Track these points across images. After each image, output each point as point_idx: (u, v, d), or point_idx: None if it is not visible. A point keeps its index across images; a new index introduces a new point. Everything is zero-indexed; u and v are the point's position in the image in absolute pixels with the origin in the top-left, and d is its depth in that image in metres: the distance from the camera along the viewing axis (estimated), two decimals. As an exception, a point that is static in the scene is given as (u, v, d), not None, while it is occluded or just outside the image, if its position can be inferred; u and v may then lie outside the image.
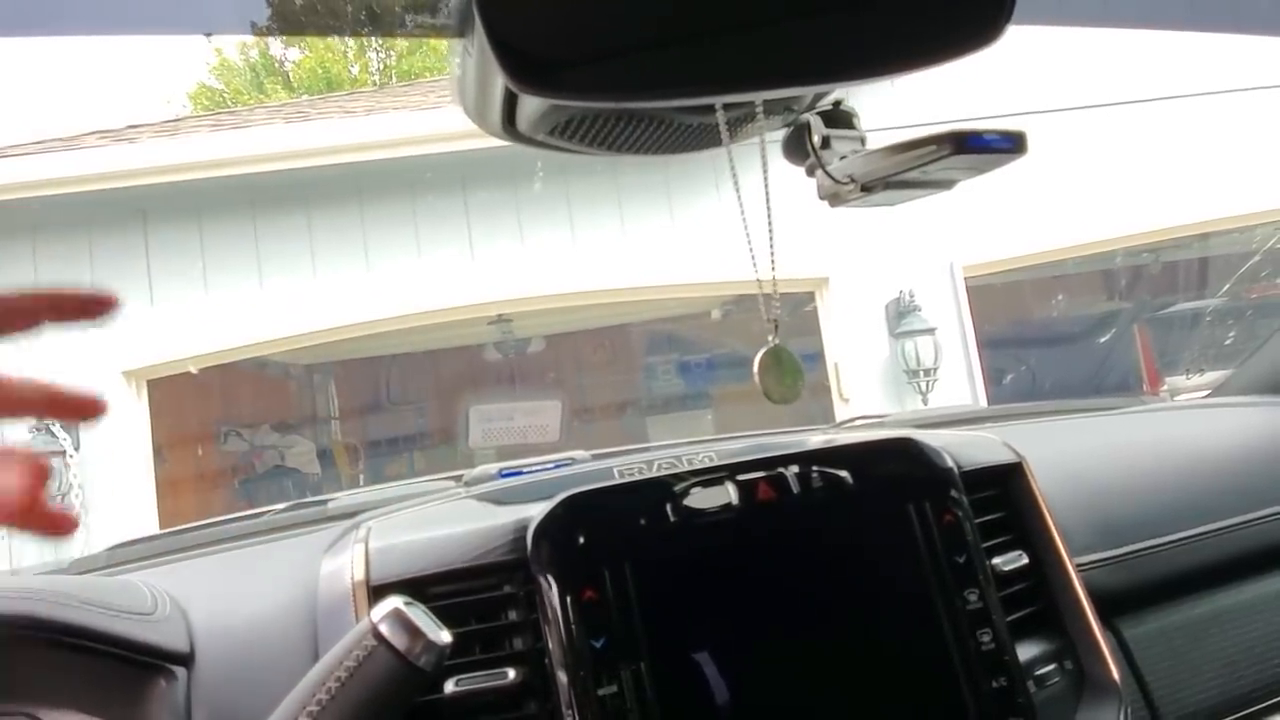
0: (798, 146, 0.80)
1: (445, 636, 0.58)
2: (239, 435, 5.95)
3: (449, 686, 0.67)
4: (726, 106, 0.70)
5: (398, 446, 6.61)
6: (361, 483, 6.48)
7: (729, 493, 0.75)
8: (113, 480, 4.21)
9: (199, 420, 5.74)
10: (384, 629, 0.56)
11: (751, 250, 0.76)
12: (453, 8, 0.61)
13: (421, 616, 0.58)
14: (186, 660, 0.71)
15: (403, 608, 0.57)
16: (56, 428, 4.14)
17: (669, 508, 0.73)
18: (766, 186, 0.75)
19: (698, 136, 0.75)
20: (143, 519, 4.24)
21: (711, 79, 0.58)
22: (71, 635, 0.66)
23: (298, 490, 5.90)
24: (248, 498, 5.80)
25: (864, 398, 4.71)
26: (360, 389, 6.72)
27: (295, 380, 6.51)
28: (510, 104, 0.64)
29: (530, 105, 0.64)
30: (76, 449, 4.12)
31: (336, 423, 6.80)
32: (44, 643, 0.67)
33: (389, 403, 6.61)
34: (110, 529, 4.07)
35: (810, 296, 4.94)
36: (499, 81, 0.59)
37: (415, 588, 0.71)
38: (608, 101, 0.61)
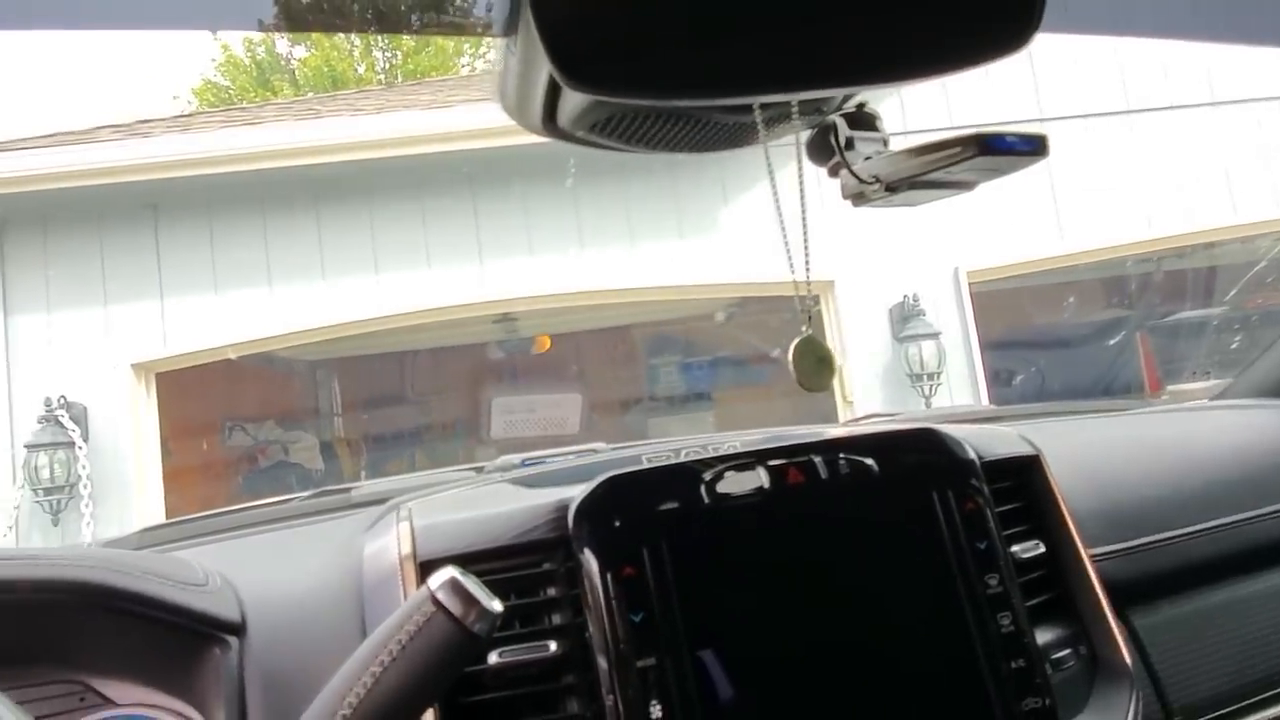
0: (822, 147, 0.82)
1: (497, 605, 0.61)
2: (243, 430, 5.98)
3: (493, 657, 0.71)
4: (763, 106, 0.73)
5: (400, 443, 6.64)
6: (363, 478, 6.49)
7: (760, 477, 0.78)
8: (120, 471, 4.24)
9: (204, 414, 5.77)
10: (441, 596, 0.59)
11: (787, 245, 0.79)
12: (497, 7, 0.64)
13: (475, 585, 0.60)
14: (239, 630, 0.74)
15: (459, 576, 0.60)
16: (65, 418, 4.17)
17: (703, 490, 0.76)
18: (801, 183, 0.78)
19: (732, 135, 0.78)
20: (150, 510, 4.27)
21: (751, 79, 0.61)
22: (134, 603, 0.69)
23: (301, 485, 5.92)
24: (252, 492, 5.82)
25: (867, 400, 4.74)
26: (363, 386, 6.74)
27: (299, 376, 6.53)
28: (552, 101, 0.66)
29: (571, 102, 0.66)
30: (86, 440, 4.15)
31: (339, 419, 6.83)
32: (102, 610, 0.70)
33: (392, 400, 6.64)
34: (117, 519, 4.10)
35: (815, 299, 4.97)
36: (542, 79, 0.62)
37: (459, 563, 0.73)
38: (653, 100, 0.64)
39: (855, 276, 4.82)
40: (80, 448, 4.11)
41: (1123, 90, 5.08)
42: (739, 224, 4.61)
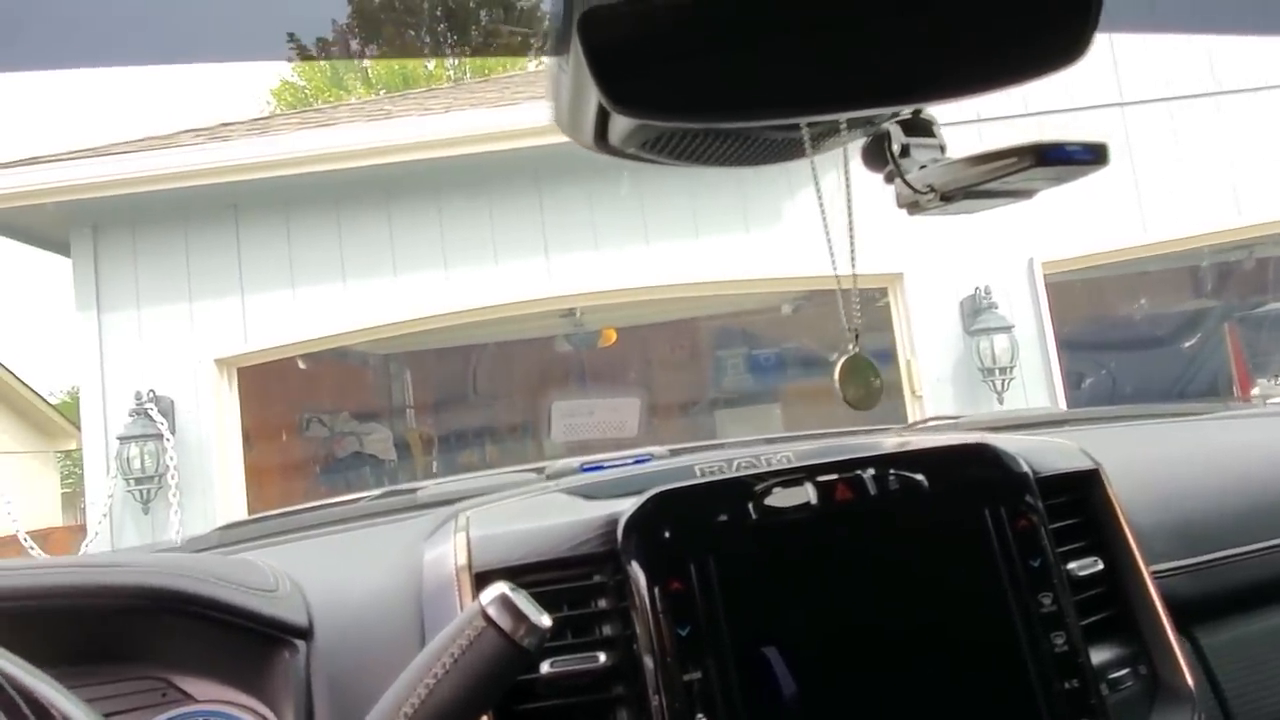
0: (877, 154, 0.81)
1: (546, 620, 0.63)
2: (320, 422, 6.18)
3: (545, 667, 0.73)
4: (811, 122, 0.73)
5: (470, 436, 6.78)
6: (434, 470, 6.66)
7: (808, 493, 0.78)
8: (204, 462, 4.43)
9: (283, 407, 5.98)
10: (492, 612, 0.61)
11: (834, 260, 0.79)
12: (549, 28, 0.65)
13: (524, 601, 0.62)
14: (306, 634, 0.78)
15: (509, 592, 0.62)
16: (154, 411, 4.37)
17: (750, 506, 0.77)
18: (849, 202, 0.78)
19: (780, 150, 0.78)
20: (233, 499, 4.45)
21: (797, 100, 0.61)
22: (208, 608, 0.73)
23: (375, 476, 6.10)
24: (328, 482, 6.02)
25: (936, 396, 4.66)
26: (434, 379, 6.91)
27: (373, 370, 6.72)
28: (603, 119, 0.67)
29: (621, 121, 0.67)
30: (173, 432, 4.34)
31: (412, 412, 7.01)
32: (182, 614, 0.74)
33: (461, 393, 6.78)
34: (202, 508, 4.29)
35: (883, 292, 4.89)
36: (592, 99, 0.63)
37: (512, 575, 0.76)
38: (699, 122, 0.65)
39: (925, 268, 4.72)
40: (168, 440, 4.30)
41: (1209, 70, 4.86)
42: (804, 216, 4.56)
